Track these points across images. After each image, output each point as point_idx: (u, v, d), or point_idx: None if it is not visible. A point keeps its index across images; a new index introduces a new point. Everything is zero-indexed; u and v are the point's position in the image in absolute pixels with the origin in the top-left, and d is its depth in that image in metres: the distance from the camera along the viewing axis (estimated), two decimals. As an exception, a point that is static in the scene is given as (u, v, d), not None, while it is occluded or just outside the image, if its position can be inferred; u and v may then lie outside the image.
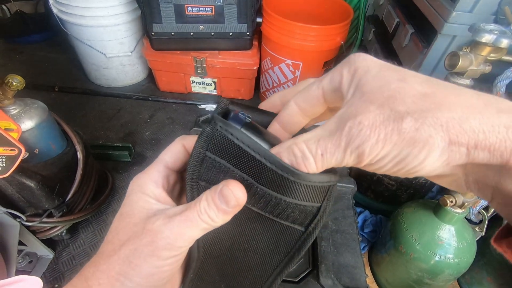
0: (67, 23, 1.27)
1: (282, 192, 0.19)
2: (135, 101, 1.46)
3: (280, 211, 0.20)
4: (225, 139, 0.19)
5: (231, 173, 0.20)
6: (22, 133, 0.70)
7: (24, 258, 0.89)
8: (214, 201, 0.20)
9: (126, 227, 0.21)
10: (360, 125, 0.16)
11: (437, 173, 0.16)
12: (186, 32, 1.23)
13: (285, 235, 0.22)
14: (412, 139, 0.15)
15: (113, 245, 0.21)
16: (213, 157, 0.20)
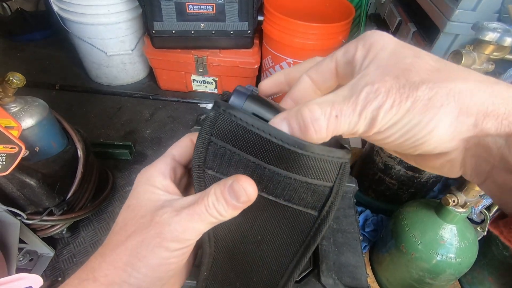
0: (67, 21, 1.27)
1: (291, 169, 0.19)
2: (135, 99, 1.46)
3: (291, 193, 0.20)
4: (229, 121, 0.19)
5: (237, 157, 0.19)
6: (23, 131, 0.70)
7: (24, 256, 0.89)
8: (224, 196, 0.20)
9: (134, 218, 0.21)
10: (377, 91, 0.16)
11: (440, 150, 0.17)
12: (187, 30, 1.23)
13: (298, 222, 0.21)
14: (425, 107, 0.15)
15: (120, 236, 0.21)
16: (218, 142, 0.20)
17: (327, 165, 0.19)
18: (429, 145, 0.16)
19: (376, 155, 0.87)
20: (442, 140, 0.16)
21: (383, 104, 0.16)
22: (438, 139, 0.16)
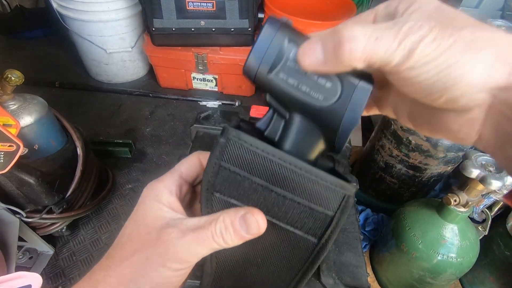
0: (67, 18, 1.26)
1: (296, 192, 0.20)
2: (135, 97, 1.46)
3: (294, 216, 0.21)
4: (238, 147, 0.20)
5: (246, 181, 0.21)
6: (21, 129, 0.69)
7: (24, 254, 0.89)
8: (234, 225, 0.20)
9: (139, 234, 0.22)
10: (420, 26, 0.16)
11: (465, 101, 0.17)
12: (187, 28, 1.22)
13: (298, 247, 0.22)
14: (466, 47, 0.15)
15: (125, 251, 0.22)
16: (228, 166, 0.21)
17: (331, 194, 0.20)
18: (458, 89, 0.16)
19: (377, 153, 0.86)
20: (473, 86, 0.16)
21: (425, 37, 0.16)
22: (470, 83, 0.16)
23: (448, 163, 0.75)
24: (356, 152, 1.16)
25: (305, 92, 0.20)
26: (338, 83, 0.20)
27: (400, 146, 0.77)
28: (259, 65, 0.20)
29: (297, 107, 0.21)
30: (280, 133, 0.22)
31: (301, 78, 0.20)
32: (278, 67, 0.20)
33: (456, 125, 0.18)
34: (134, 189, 1.09)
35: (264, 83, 0.21)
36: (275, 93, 0.21)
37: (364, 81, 0.20)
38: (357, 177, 0.71)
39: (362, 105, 0.20)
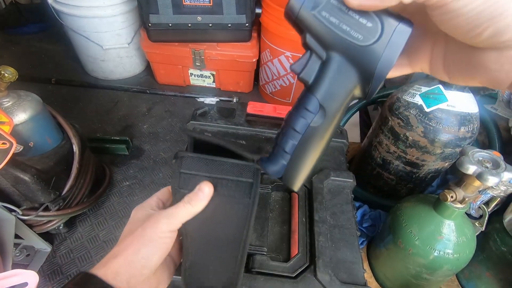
0: (62, 14, 1.25)
1: (231, 174, 0.34)
2: (133, 94, 1.45)
3: (232, 188, 0.34)
4: (189, 160, 0.34)
5: (197, 177, 0.33)
6: (16, 126, 0.69)
7: (21, 251, 0.89)
8: (195, 193, 0.33)
9: (130, 230, 0.32)
10: None
11: (511, 35, 0.16)
12: (184, 23, 1.21)
13: (240, 209, 0.34)
14: None
15: (125, 237, 0.31)
16: (185, 171, 0.34)
17: (247, 170, 0.34)
18: (505, 17, 0.16)
19: (375, 150, 0.86)
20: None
21: None
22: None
23: (445, 159, 0.75)
24: (354, 148, 1.15)
25: (346, 30, 0.21)
26: (379, 23, 0.21)
27: (398, 143, 0.76)
28: (303, 3, 0.21)
29: (337, 46, 0.22)
30: (316, 74, 0.23)
31: (343, 17, 0.21)
32: (321, 5, 0.21)
33: (497, 64, 0.18)
34: (132, 186, 1.09)
35: (306, 20, 0.21)
36: (316, 31, 0.22)
37: (404, 23, 0.21)
38: (355, 173, 0.70)
39: (400, 46, 0.21)
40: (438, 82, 0.69)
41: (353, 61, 0.22)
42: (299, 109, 0.25)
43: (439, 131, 0.69)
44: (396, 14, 0.21)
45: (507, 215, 0.71)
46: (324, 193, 0.69)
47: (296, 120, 0.25)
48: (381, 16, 0.21)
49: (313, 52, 0.23)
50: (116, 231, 0.98)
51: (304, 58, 0.24)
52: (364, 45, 0.21)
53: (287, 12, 0.22)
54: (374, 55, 0.21)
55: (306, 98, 0.24)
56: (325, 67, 0.23)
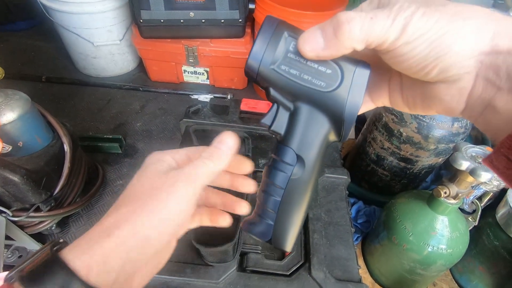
0: (51, 10, 1.22)
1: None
2: (125, 91, 1.43)
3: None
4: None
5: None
6: (4, 126, 0.67)
7: (13, 253, 0.87)
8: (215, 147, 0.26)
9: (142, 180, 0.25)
10: (409, 5, 0.18)
11: (456, 70, 0.18)
12: (176, 19, 1.19)
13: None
14: (452, 17, 0.17)
15: (132, 196, 0.24)
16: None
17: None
18: (449, 58, 0.17)
19: (369, 146, 0.86)
20: (462, 53, 0.17)
21: (415, 13, 0.17)
22: (459, 50, 0.17)
23: (439, 155, 0.75)
24: (349, 144, 1.15)
25: (308, 80, 0.22)
26: (338, 69, 0.22)
27: (392, 139, 0.76)
28: (261, 60, 0.22)
29: (302, 96, 0.22)
30: (287, 125, 0.24)
31: (302, 68, 0.22)
32: (279, 60, 0.22)
33: (448, 96, 0.20)
34: (125, 185, 1.07)
35: (267, 77, 0.22)
36: (279, 85, 0.22)
37: (361, 65, 0.22)
38: (349, 169, 0.70)
39: (363, 87, 0.22)
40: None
41: (321, 108, 0.23)
42: (276, 163, 0.24)
43: (433, 127, 0.69)
44: (352, 58, 0.22)
45: (500, 209, 0.72)
46: (319, 190, 0.69)
47: (275, 175, 0.24)
48: (338, 62, 0.22)
49: (279, 104, 0.24)
50: (110, 230, 0.97)
51: (272, 111, 0.24)
52: (328, 91, 0.22)
53: (247, 71, 0.23)
54: (340, 99, 0.22)
55: (281, 150, 0.24)
56: (294, 117, 0.23)
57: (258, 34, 0.22)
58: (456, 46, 0.17)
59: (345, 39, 0.19)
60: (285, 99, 0.23)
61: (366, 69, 0.22)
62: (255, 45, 0.22)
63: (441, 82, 0.20)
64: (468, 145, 0.55)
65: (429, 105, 0.22)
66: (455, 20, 0.17)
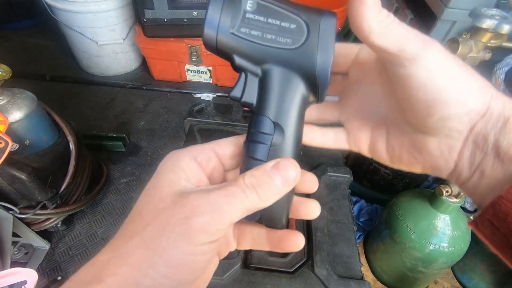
0: (55, 9, 1.23)
1: None
2: (128, 90, 1.43)
3: None
4: None
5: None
6: (11, 125, 0.68)
7: (20, 249, 0.89)
8: (266, 174, 0.18)
9: (151, 202, 0.18)
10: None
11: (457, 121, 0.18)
12: (179, 19, 1.20)
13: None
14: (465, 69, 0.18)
15: (135, 225, 0.18)
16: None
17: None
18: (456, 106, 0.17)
19: (371, 145, 0.87)
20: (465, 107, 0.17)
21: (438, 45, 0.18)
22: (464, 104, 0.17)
23: (441, 154, 0.76)
24: (351, 143, 1.16)
25: (272, 39, 0.20)
26: (302, 22, 0.20)
27: (394, 138, 0.77)
28: (218, 27, 0.20)
29: (268, 58, 0.21)
30: (258, 93, 0.22)
31: (264, 27, 0.20)
32: (238, 23, 0.20)
33: (438, 151, 0.19)
34: (129, 183, 1.09)
35: (228, 44, 0.20)
36: (242, 50, 0.21)
37: (327, 14, 0.20)
38: (352, 168, 0.71)
39: (332, 37, 0.20)
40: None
41: (291, 67, 0.21)
42: (253, 135, 0.22)
43: (435, 126, 0.69)
44: (315, 8, 0.21)
45: (501, 208, 0.72)
46: (321, 188, 0.69)
47: (254, 148, 0.21)
48: (301, 15, 0.20)
49: (247, 72, 0.22)
50: (115, 228, 0.98)
51: (240, 81, 0.22)
52: (295, 47, 0.20)
53: (206, 43, 0.21)
54: (309, 53, 0.20)
55: (256, 121, 0.22)
56: (264, 83, 0.22)
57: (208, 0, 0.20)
58: (462, 96, 0.17)
59: (368, 28, 0.17)
60: (252, 64, 0.21)
61: (332, 17, 0.20)
62: (208, 11, 0.20)
63: (433, 135, 0.19)
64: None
65: (416, 158, 0.21)
66: (467, 72, 0.17)
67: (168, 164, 0.20)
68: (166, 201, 0.18)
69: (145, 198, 0.19)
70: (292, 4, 0.21)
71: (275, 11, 0.20)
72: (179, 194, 0.18)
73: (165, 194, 0.18)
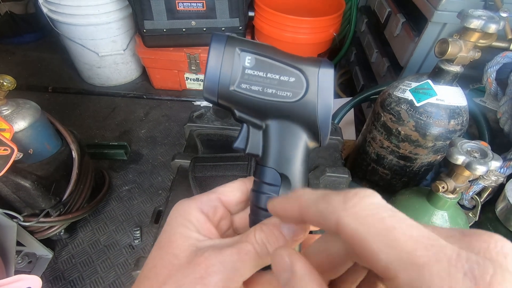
0: (57, 23, 1.26)
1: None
2: (129, 99, 1.46)
3: None
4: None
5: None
6: (15, 134, 0.70)
7: (23, 258, 0.90)
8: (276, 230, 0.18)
9: (165, 258, 0.18)
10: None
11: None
12: (178, 28, 1.23)
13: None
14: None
15: (151, 282, 0.18)
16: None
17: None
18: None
19: (369, 146, 0.88)
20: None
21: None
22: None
23: (437, 152, 0.76)
24: (349, 146, 1.17)
25: (272, 93, 0.20)
26: (301, 75, 0.21)
27: (390, 137, 0.78)
28: (218, 83, 0.20)
29: (270, 112, 0.21)
30: (262, 144, 0.22)
31: (264, 82, 0.20)
32: (238, 79, 0.20)
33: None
34: (131, 191, 1.10)
35: (229, 99, 0.21)
36: (244, 105, 0.21)
37: (324, 64, 0.21)
38: (351, 169, 0.72)
39: (331, 86, 0.21)
40: (427, 78, 0.71)
41: (293, 119, 0.21)
42: (261, 186, 0.22)
43: (430, 124, 0.71)
44: (311, 58, 0.21)
45: (499, 204, 0.73)
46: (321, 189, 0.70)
47: (262, 199, 0.22)
48: (299, 67, 0.21)
49: (249, 124, 0.22)
50: (117, 235, 0.99)
51: (243, 132, 0.22)
52: (296, 100, 0.21)
53: (206, 97, 0.21)
54: (310, 105, 0.21)
55: (262, 172, 0.22)
56: (268, 135, 0.22)
57: (208, 55, 0.20)
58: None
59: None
60: (254, 118, 0.22)
61: (329, 67, 0.21)
62: (208, 68, 0.20)
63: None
64: (464, 140, 0.57)
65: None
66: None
67: (177, 218, 0.20)
68: (181, 258, 0.18)
69: (159, 252, 0.19)
70: (289, 57, 0.21)
71: (274, 65, 0.20)
72: (193, 250, 0.18)
73: (179, 250, 0.18)
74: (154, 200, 1.07)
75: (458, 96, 0.70)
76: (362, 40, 1.33)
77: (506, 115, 0.75)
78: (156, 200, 1.07)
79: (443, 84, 0.69)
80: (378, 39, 1.18)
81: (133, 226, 1.00)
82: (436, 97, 0.69)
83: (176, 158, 0.72)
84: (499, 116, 0.77)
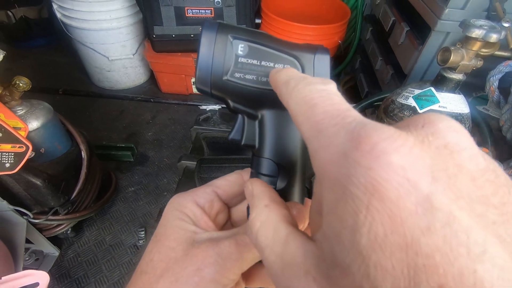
0: (70, 27, 1.30)
1: None
2: (137, 102, 1.49)
3: None
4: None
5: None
6: (29, 133, 0.72)
7: (30, 255, 0.91)
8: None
9: (162, 251, 0.18)
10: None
11: None
12: (187, 34, 1.26)
13: None
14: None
15: (148, 276, 0.18)
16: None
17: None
18: None
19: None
20: None
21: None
22: None
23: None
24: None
25: (267, 82, 0.19)
26: (296, 62, 0.20)
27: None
28: (211, 73, 0.19)
29: (266, 101, 0.20)
30: (259, 135, 0.21)
31: (258, 70, 0.19)
32: (231, 68, 0.19)
33: None
34: (137, 192, 1.12)
35: (222, 89, 0.20)
36: (238, 95, 0.20)
37: (320, 51, 0.20)
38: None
39: (327, 74, 0.20)
40: (430, 85, 0.73)
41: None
42: (257, 178, 0.21)
43: (432, 131, 0.72)
44: (308, 45, 0.20)
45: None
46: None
47: None
48: (294, 54, 0.20)
49: (244, 114, 0.21)
50: (122, 235, 1.01)
51: (239, 123, 0.21)
52: None
53: (199, 88, 0.20)
54: None
55: (259, 163, 0.21)
56: (263, 125, 0.21)
57: (199, 43, 0.19)
58: None
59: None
60: (249, 108, 0.21)
61: (325, 53, 0.20)
62: (200, 57, 0.19)
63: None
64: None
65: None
66: None
67: (173, 211, 0.20)
68: (177, 250, 0.18)
69: (156, 245, 0.19)
70: (284, 44, 0.20)
71: (268, 53, 0.19)
72: (190, 242, 0.18)
73: (176, 243, 0.18)
74: (159, 202, 1.09)
75: (461, 103, 0.71)
76: (367, 48, 1.35)
77: (509, 123, 0.76)
78: (161, 201, 1.09)
79: (446, 92, 0.70)
80: (383, 47, 1.19)
81: (138, 226, 1.02)
82: (439, 104, 0.70)
83: (183, 160, 0.73)
84: (501, 123, 0.78)
